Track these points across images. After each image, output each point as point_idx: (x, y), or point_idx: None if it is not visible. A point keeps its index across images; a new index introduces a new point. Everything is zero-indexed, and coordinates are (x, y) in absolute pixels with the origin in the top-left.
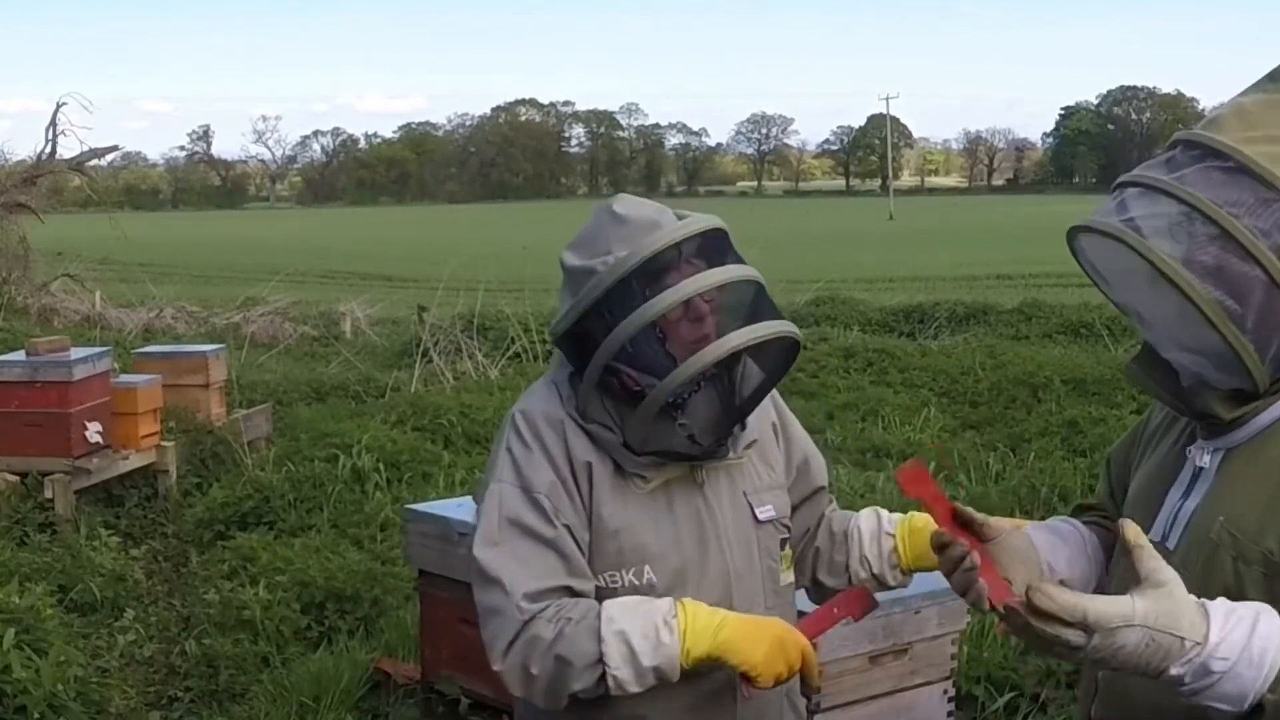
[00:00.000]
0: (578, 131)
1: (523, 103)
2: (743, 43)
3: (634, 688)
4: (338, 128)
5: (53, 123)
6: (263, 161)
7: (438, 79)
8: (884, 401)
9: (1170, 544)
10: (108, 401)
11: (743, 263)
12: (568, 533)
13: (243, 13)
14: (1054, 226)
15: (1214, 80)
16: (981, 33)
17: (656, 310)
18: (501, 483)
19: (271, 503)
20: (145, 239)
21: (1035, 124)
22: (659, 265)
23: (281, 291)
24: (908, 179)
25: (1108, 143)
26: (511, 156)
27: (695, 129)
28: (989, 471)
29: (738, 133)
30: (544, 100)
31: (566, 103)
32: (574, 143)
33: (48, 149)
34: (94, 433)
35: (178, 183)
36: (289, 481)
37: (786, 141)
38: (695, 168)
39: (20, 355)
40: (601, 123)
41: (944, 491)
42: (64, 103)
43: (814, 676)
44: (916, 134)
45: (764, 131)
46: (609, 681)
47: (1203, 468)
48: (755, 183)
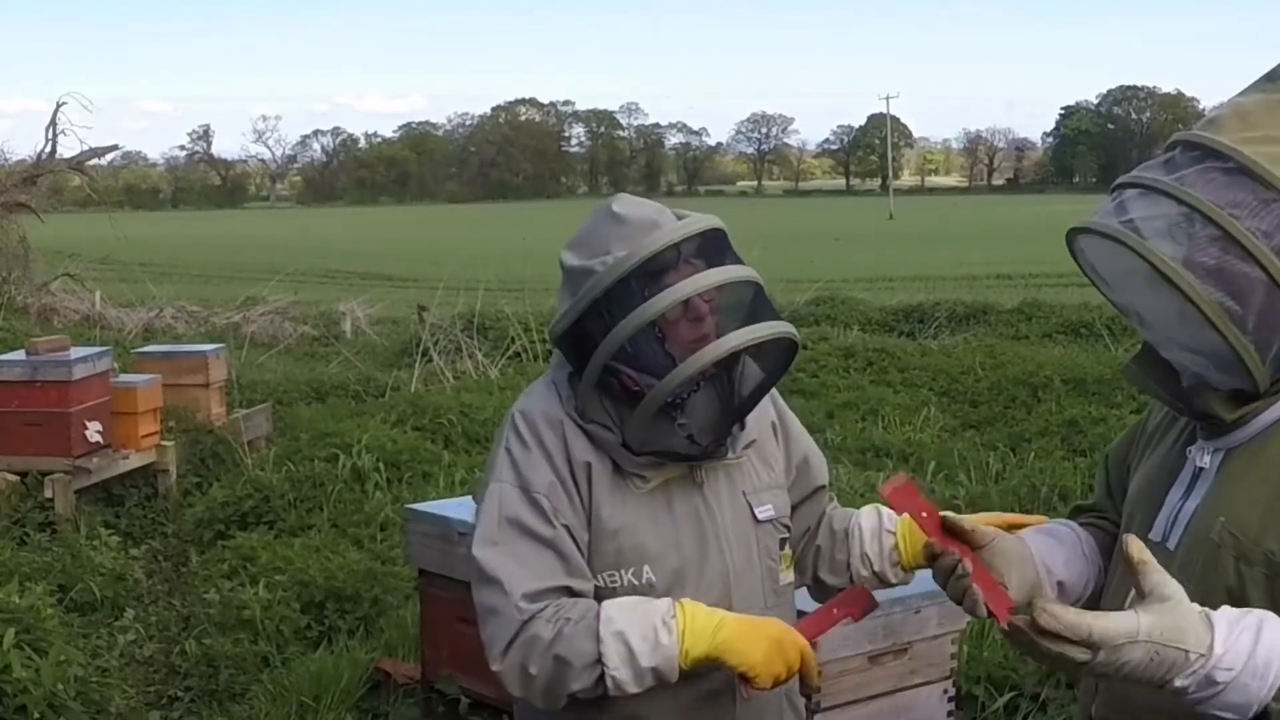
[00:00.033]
0: (578, 131)
1: (523, 103)
2: (743, 43)
3: (632, 688)
4: (338, 127)
5: (53, 122)
6: (263, 161)
7: (438, 79)
8: (884, 401)
9: (1170, 544)
10: (108, 401)
11: (741, 263)
12: (567, 533)
13: (243, 13)
14: (1054, 226)
15: (1214, 80)
16: (981, 33)
17: (655, 310)
18: (501, 482)
19: (271, 502)
20: (145, 239)
21: (1035, 124)
22: (658, 265)
23: (281, 291)
24: (908, 179)
25: (1108, 143)
26: (511, 156)
27: (695, 129)
28: (989, 471)
29: (738, 132)
30: (544, 100)
31: (566, 102)
32: (574, 142)
33: (48, 149)
34: (94, 432)
35: (178, 182)
36: (289, 481)
37: (786, 141)
38: (695, 167)
39: (20, 355)
40: (601, 122)
41: (931, 503)
42: (64, 102)
43: (813, 677)
44: (916, 134)
45: (764, 131)
46: (607, 682)
47: (1203, 468)
48: (755, 182)
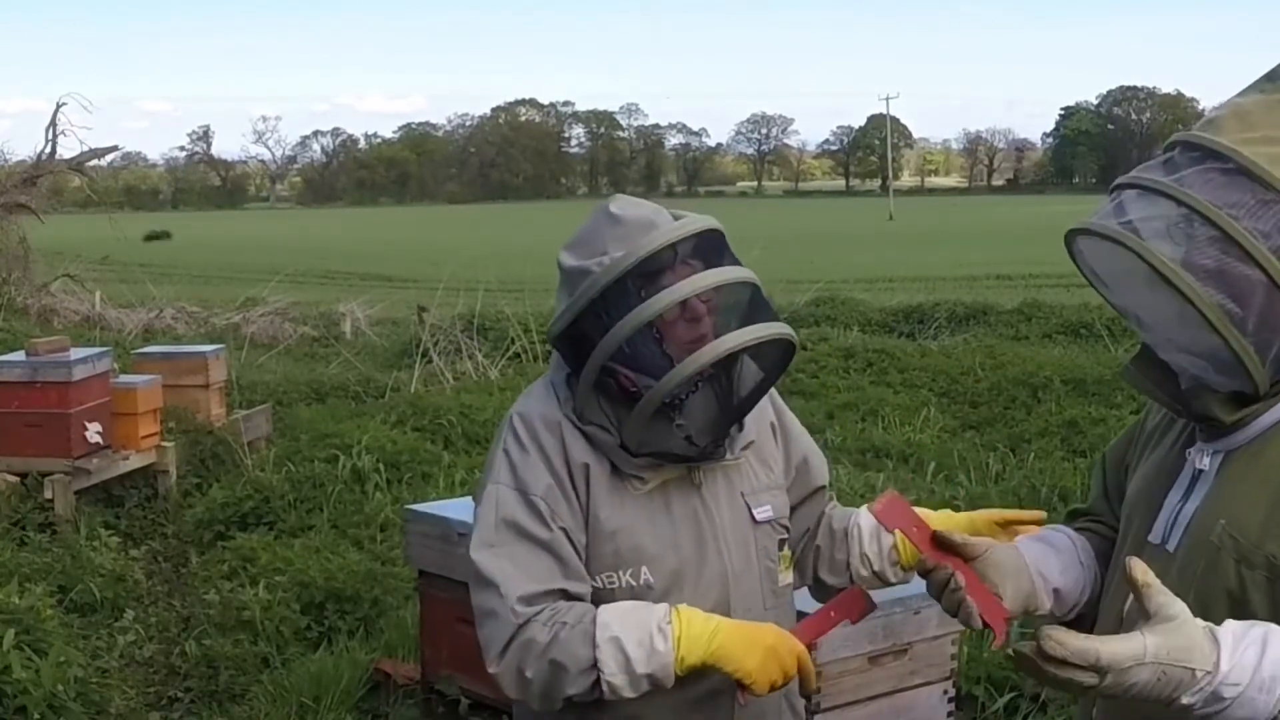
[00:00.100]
0: (578, 132)
1: (523, 103)
2: (743, 43)
3: (628, 693)
4: (338, 128)
5: (53, 123)
6: (263, 162)
7: (438, 79)
8: (884, 401)
9: (1170, 546)
10: (108, 402)
11: (739, 264)
12: (564, 535)
13: (243, 13)
14: (1054, 227)
15: (1214, 80)
16: (981, 33)
17: (653, 311)
18: (498, 484)
19: (271, 503)
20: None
21: (1035, 124)
22: (655, 266)
23: (281, 292)
24: (908, 179)
25: (1108, 143)
26: (511, 157)
27: (695, 129)
28: (989, 472)
29: (738, 133)
30: (544, 100)
31: (566, 103)
32: (574, 143)
33: (48, 149)
34: (94, 433)
35: (178, 183)
36: (289, 482)
37: (786, 141)
38: (695, 168)
39: (20, 355)
40: (601, 123)
41: (921, 518)
42: (64, 103)
43: (811, 681)
44: (916, 134)
45: (764, 131)
46: (603, 687)
47: (1202, 470)
48: (755, 183)
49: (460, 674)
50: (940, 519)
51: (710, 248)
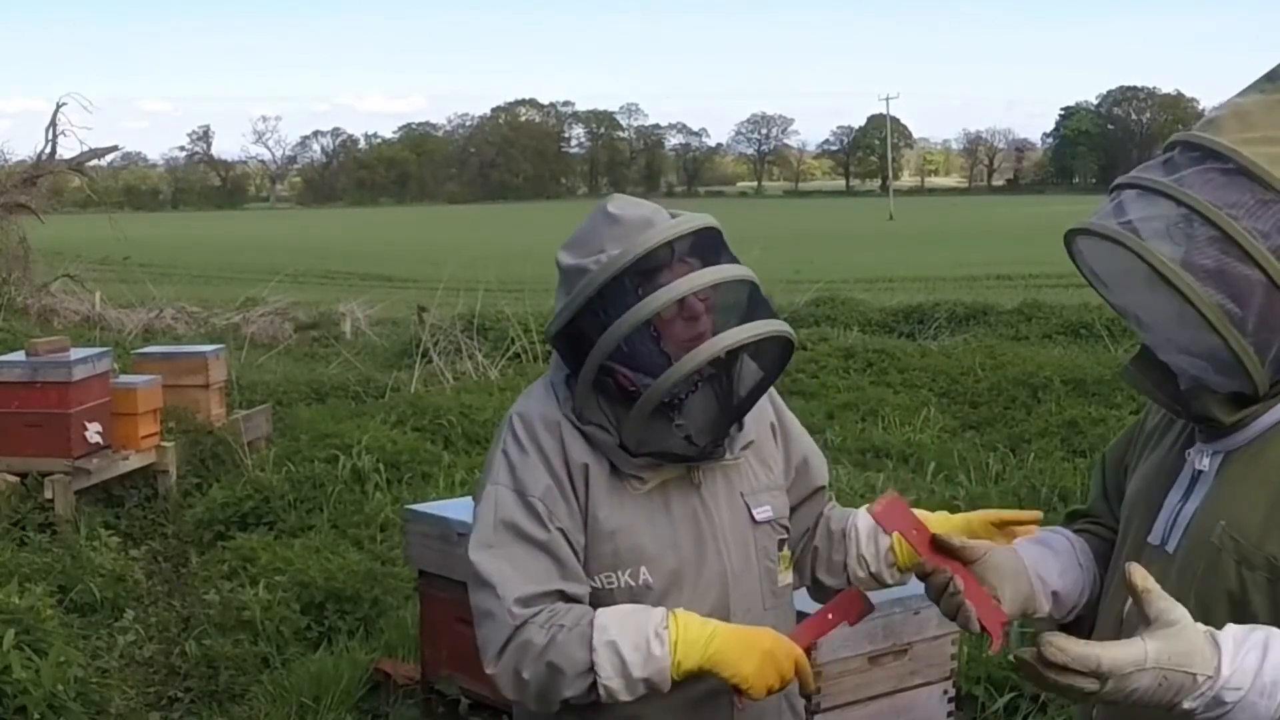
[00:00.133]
0: (578, 132)
1: (523, 103)
2: (743, 43)
3: (625, 697)
4: (338, 128)
5: (53, 123)
6: (263, 162)
7: (438, 79)
8: (884, 402)
9: (1170, 547)
10: (108, 402)
11: (737, 262)
12: (562, 536)
13: (243, 13)
14: (1054, 227)
15: (1214, 80)
16: (981, 33)
17: (650, 309)
18: (497, 485)
19: (271, 503)
20: (145, 239)
21: (1035, 124)
22: (652, 264)
23: (281, 292)
24: (908, 179)
25: (1108, 143)
26: (511, 157)
27: (695, 129)
28: (989, 472)
29: (738, 133)
30: (544, 100)
31: (566, 103)
32: (574, 143)
33: (48, 149)
34: (94, 433)
35: (178, 183)
36: (289, 482)
37: (786, 142)
38: (695, 168)
39: (20, 355)
40: (601, 123)
41: (920, 521)
42: (64, 103)
43: (809, 684)
44: (916, 134)
45: (764, 131)
46: (600, 690)
47: (1202, 470)
48: (755, 183)
49: (460, 674)
50: (936, 521)
51: (708, 246)
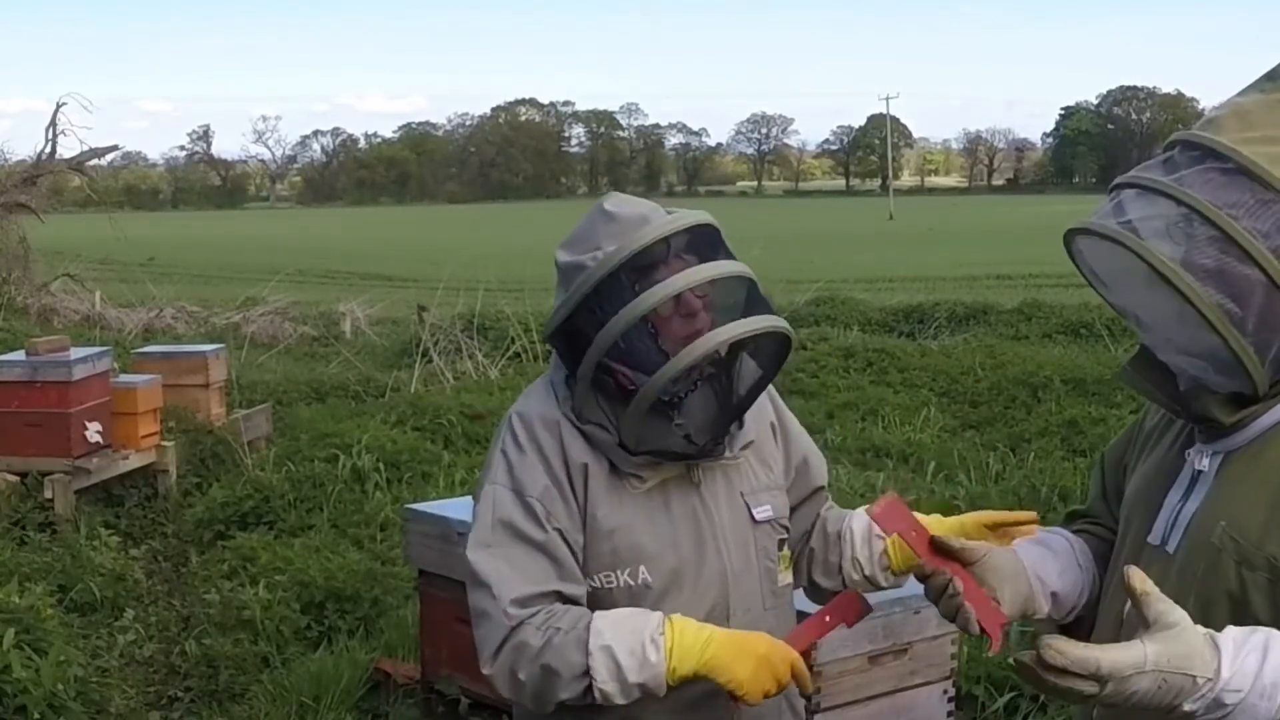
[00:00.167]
0: (578, 131)
1: (523, 103)
2: (743, 43)
3: (620, 700)
4: (338, 128)
5: (53, 123)
6: (263, 161)
7: (438, 79)
8: (884, 401)
9: (1170, 547)
10: (108, 401)
11: (734, 259)
12: (559, 536)
13: (243, 13)
14: (1054, 227)
15: (1214, 80)
16: (981, 33)
17: (647, 304)
18: (495, 485)
19: (271, 503)
20: (145, 239)
21: (1035, 124)
22: (648, 260)
23: (281, 291)
24: (908, 179)
25: (1108, 143)
26: (511, 156)
27: (695, 129)
28: (989, 472)
29: (738, 133)
30: (544, 100)
31: (566, 103)
32: (574, 143)
33: (48, 149)
34: (94, 433)
35: (178, 183)
36: (289, 481)
37: (786, 141)
38: (695, 168)
39: (20, 355)
40: (601, 123)
41: (920, 522)
42: (64, 103)
43: (806, 687)
44: (916, 134)
45: (764, 131)
46: (595, 694)
47: (1202, 471)
48: (755, 183)
49: (460, 674)
50: (929, 523)
51: (705, 243)
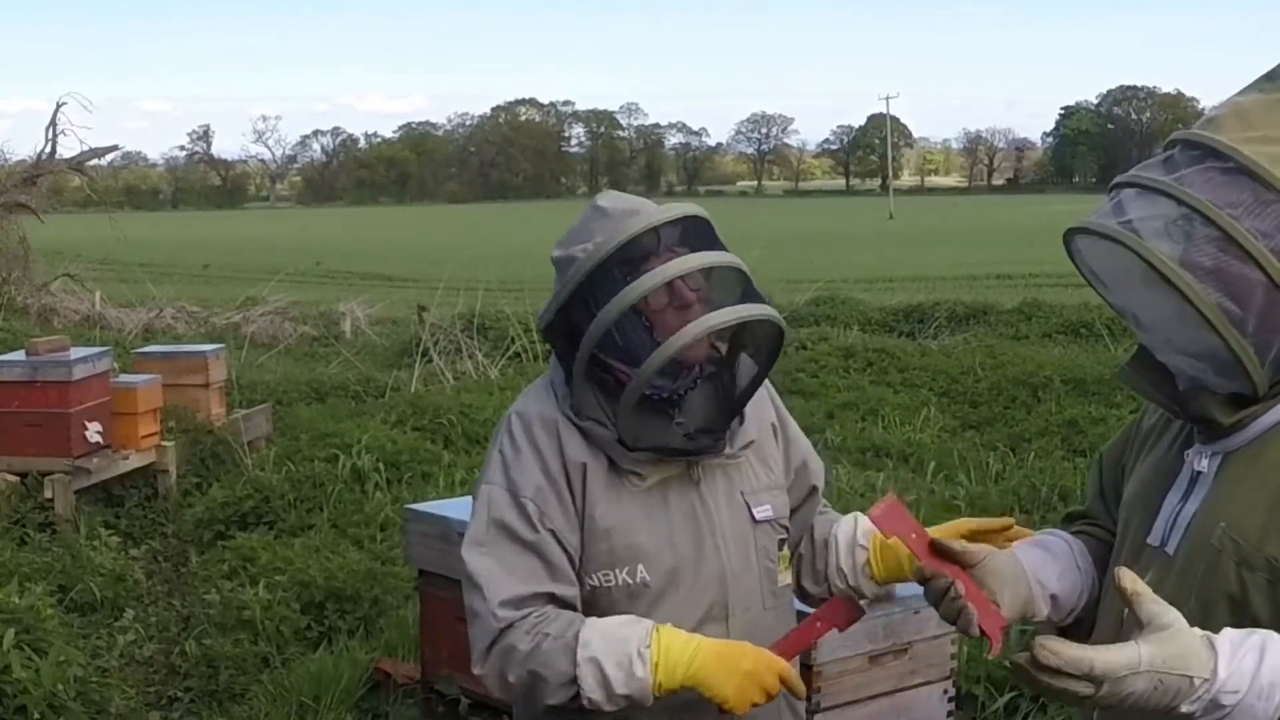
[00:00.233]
0: (578, 131)
1: (523, 103)
2: (743, 43)
3: (608, 708)
4: (338, 127)
5: (53, 123)
6: (263, 161)
7: (438, 79)
8: (884, 401)
9: (1170, 549)
10: (108, 401)
11: (727, 251)
12: (552, 537)
13: (243, 13)
14: (1054, 226)
15: (1214, 80)
16: (981, 33)
17: (637, 293)
18: (491, 484)
19: (271, 503)
20: (145, 239)
21: (1035, 124)
22: (639, 251)
23: (281, 291)
24: (908, 179)
25: (1108, 143)
26: (511, 156)
27: (695, 129)
28: (989, 472)
29: (738, 133)
30: (544, 100)
31: (566, 103)
32: (574, 143)
33: (48, 149)
34: (94, 433)
35: (178, 183)
36: (289, 481)
37: (786, 141)
38: (695, 167)
39: (20, 355)
40: (601, 123)
41: (920, 524)
42: (64, 103)
43: (798, 693)
44: (916, 134)
45: (764, 131)
46: (583, 700)
47: (1201, 472)
48: (755, 183)
49: (460, 674)
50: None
51: (697, 235)
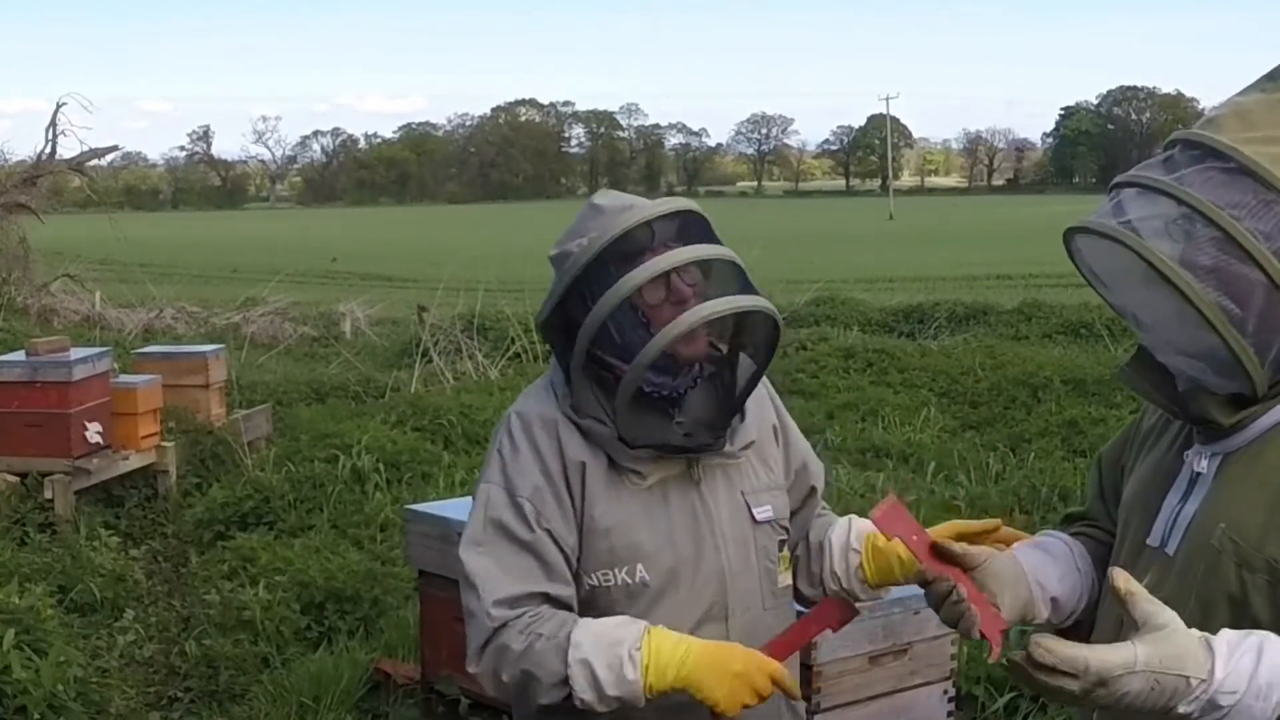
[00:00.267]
0: (578, 132)
1: (523, 103)
2: (743, 43)
3: (600, 709)
4: (338, 128)
5: (53, 123)
6: (263, 162)
7: (438, 79)
8: (884, 401)
9: (1170, 549)
10: (108, 402)
11: (722, 245)
12: (548, 537)
13: (243, 13)
14: (1054, 227)
15: (1214, 80)
16: (981, 33)
17: (631, 285)
18: (489, 484)
19: (271, 503)
20: (145, 239)
21: (1035, 124)
22: (634, 246)
23: (281, 292)
24: (908, 179)
25: (1108, 143)
26: (511, 157)
27: (695, 129)
28: (989, 472)
29: (738, 133)
30: (544, 100)
31: (566, 103)
32: (574, 143)
33: (48, 149)
34: (94, 433)
35: (178, 183)
36: (289, 482)
37: (786, 141)
38: (695, 168)
39: (20, 355)
40: (601, 123)
41: (921, 526)
42: (64, 103)
43: (792, 694)
44: (916, 134)
45: (764, 131)
46: (576, 701)
47: (1200, 473)
48: (755, 183)
49: (460, 674)
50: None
51: (691, 230)
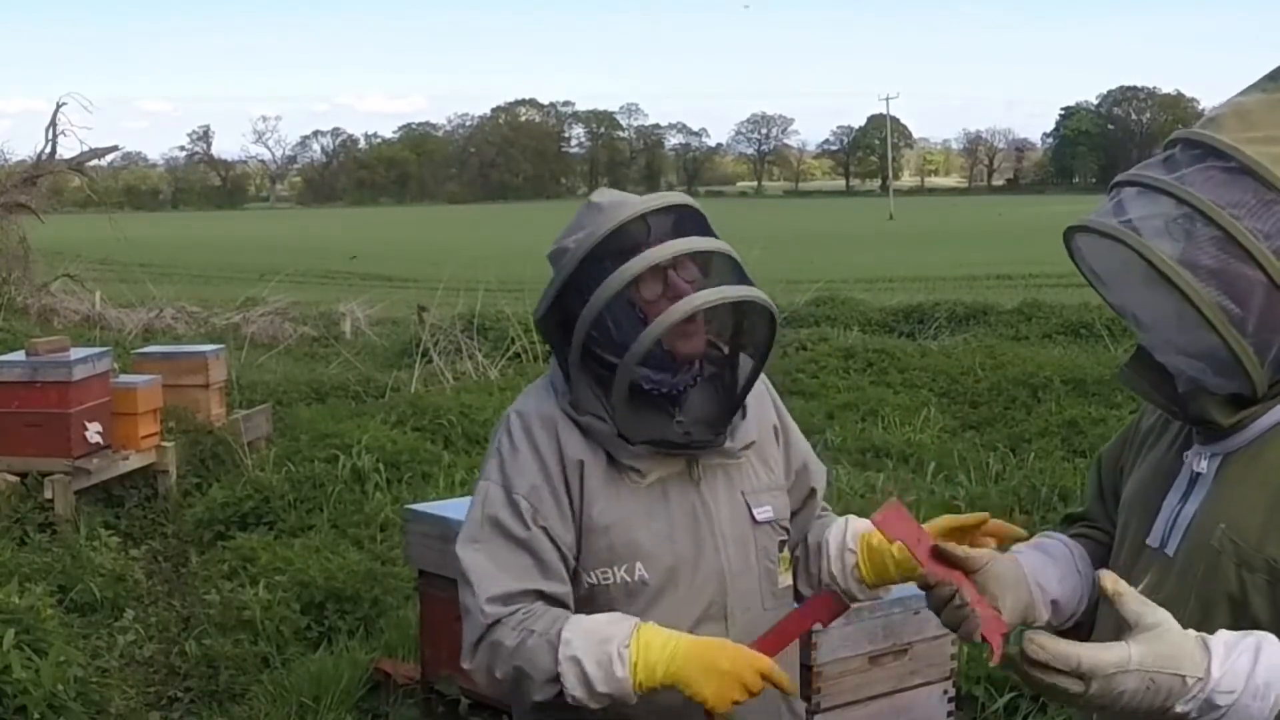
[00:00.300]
0: (578, 132)
1: (523, 103)
2: (743, 43)
3: (592, 706)
4: (338, 128)
5: (53, 123)
6: (263, 162)
7: (438, 79)
8: (884, 402)
9: (1170, 550)
10: (108, 402)
11: (718, 239)
12: (544, 535)
13: (243, 13)
14: (1054, 227)
15: (1214, 80)
16: (981, 33)
17: (626, 276)
18: (488, 481)
19: (271, 503)
20: (145, 239)
21: (1035, 124)
22: (629, 241)
23: (281, 291)
24: (908, 179)
25: (1108, 143)
26: (511, 157)
27: (695, 129)
28: (989, 472)
29: (738, 133)
30: (544, 100)
31: (566, 103)
32: (574, 143)
33: (48, 149)
34: (94, 433)
35: (178, 183)
36: (289, 482)
37: (786, 141)
38: (695, 168)
39: (20, 355)
40: (601, 123)
41: (923, 529)
42: (64, 103)
43: (785, 689)
44: (916, 134)
45: (764, 131)
46: (567, 698)
47: (1200, 473)
48: (755, 183)
49: (460, 674)
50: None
51: (687, 225)
